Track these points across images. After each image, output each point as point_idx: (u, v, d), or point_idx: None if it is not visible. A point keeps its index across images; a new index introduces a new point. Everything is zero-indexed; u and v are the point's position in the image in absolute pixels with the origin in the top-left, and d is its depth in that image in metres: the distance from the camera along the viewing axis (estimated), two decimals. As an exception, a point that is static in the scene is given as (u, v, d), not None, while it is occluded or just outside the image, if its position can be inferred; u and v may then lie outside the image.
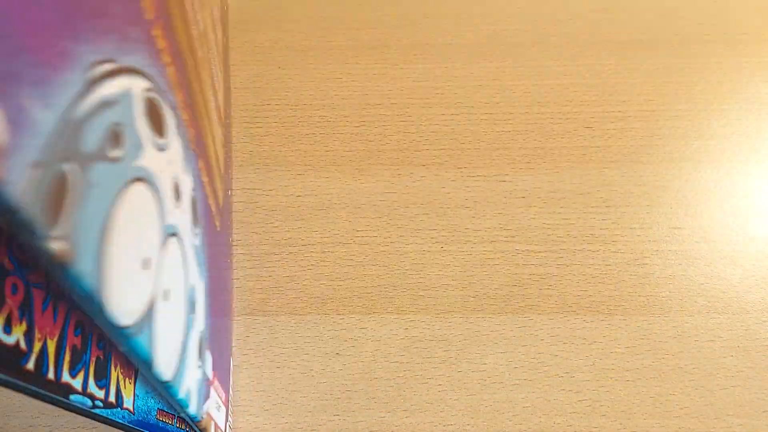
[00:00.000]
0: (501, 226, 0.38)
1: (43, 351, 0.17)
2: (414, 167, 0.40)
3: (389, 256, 0.38)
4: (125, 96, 0.15)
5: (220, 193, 0.31)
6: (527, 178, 0.40)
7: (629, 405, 0.34)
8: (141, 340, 0.16)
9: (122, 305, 0.14)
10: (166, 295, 0.18)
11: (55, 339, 0.18)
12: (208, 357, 0.26)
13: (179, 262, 0.20)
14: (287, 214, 0.39)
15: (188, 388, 0.21)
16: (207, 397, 0.25)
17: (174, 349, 0.19)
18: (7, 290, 0.16)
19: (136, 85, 0.16)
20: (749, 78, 0.43)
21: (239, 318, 0.36)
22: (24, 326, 0.16)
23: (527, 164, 0.40)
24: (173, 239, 0.19)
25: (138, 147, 0.16)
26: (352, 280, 0.37)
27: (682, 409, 0.34)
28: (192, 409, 0.22)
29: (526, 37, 0.45)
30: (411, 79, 0.43)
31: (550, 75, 0.43)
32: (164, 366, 0.18)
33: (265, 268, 0.37)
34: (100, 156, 0.13)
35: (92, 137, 0.13)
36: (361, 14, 0.46)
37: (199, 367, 0.23)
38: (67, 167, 0.12)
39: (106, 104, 0.14)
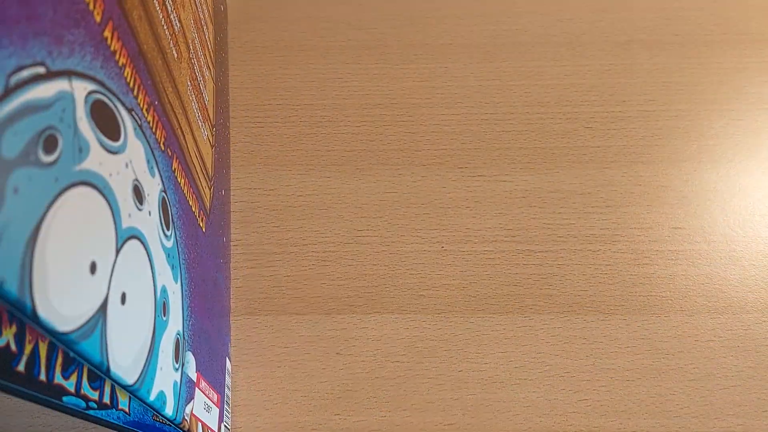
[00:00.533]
0: (501, 226, 0.38)
1: (35, 353, 0.17)
2: (414, 167, 0.40)
3: (390, 255, 0.38)
4: (61, 99, 0.15)
5: (206, 194, 0.31)
6: (528, 178, 0.40)
7: (629, 405, 0.34)
8: (89, 344, 0.16)
9: (60, 311, 0.14)
10: (123, 298, 0.18)
11: (48, 341, 0.18)
12: (191, 358, 0.26)
13: (142, 264, 0.20)
14: (288, 214, 0.39)
15: (162, 390, 0.21)
16: (190, 398, 0.25)
17: (137, 352, 0.19)
18: None
19: (78, 88, 0.16)
20: (749, 78, 0.43)
21: (239, 318, 0.36)
22: (14, 328, 0.16)
23: (528, 164, 0.40)
24: (134, 242, 0.19)
25: (81, 150, 0.16)
26: (353, 280, 0.37)
27: (682, 408, 0.34)
28: (168, 412, 0.22)
29: (527, 37, 0.45)
30: (411, 79, 0.43)
31: (550, 75, 0.43)
32: (125, 369, 0.18)
33: (265, 268, 0.37)
34: (26, 161, 0.13)
35: (14, 142, 0.13)
36: (361, 14, 0.46)
37: (177, 369, 0.23)
38: (11, 173, 0.11)
39: (33, 108, 0.13)
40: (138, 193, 0.20)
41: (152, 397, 0.20)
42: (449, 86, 0.43)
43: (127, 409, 0.23)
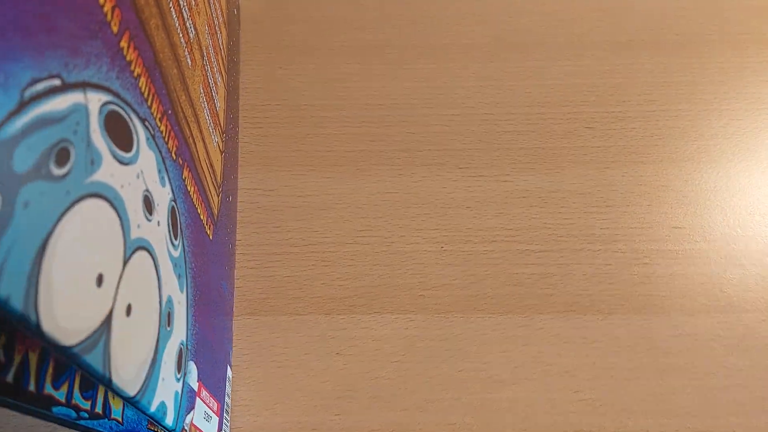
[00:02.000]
0: (502, 225, 0.39)
1: (24, 363, 0.17)
2: (415, 167, 0.40)
3: (390, 255, 0.38)
4: (75, 111, 0.15)
5: (215, 201, 0.31)
6: (528, 178, 0.40)
7: (629, 404, 0.34)
8: (93, 357, 0.16)
9: (66, 325, 0.14)
10: (128, 310, 0.18)
11: (38, 351, 0.18)
12: (193, 368, 0.26)
13: (149, 275, 0.20)
14: (288, 215, 0.39)
15: (163, 401, 0.21)
16: (191, 408, 0.25)
17: (140, 364, 0.19)
18: None
19: (93, 100, 0.16)
20: (749, 78, 0.43)
21: (239, 318, 0.36)
22: (2, 339, 0.16)
23: (528, 164, 0.40)
24: (142, 253, 0.19)
25: (93, 162, 0.16)
26: (354, 280, 0.37)
27: (682, 408, 0.34)
28: (169, 422, 0.22)
29: (528, 38, 0.45)
30: (412, 79, 0.43)
31: (551, 75, 0.43)
32: (128, 381, 0.18)
33: (266, 268, 0.37)
34: (37, 175, 0.13)
35: (26, 156, 0.13)
36: (362, 14, 0.46)
37: (179, 379, 0.23)
38: (24, 186, 0.11)
39: (46, 121, 0.13)
40: (148, 204, 0.20)
41: (153, 408, 0.20)
42: (450, 86, 0.43)
43: (120, 419, 0.23)
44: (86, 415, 0.20)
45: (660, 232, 0.38)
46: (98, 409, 0.21)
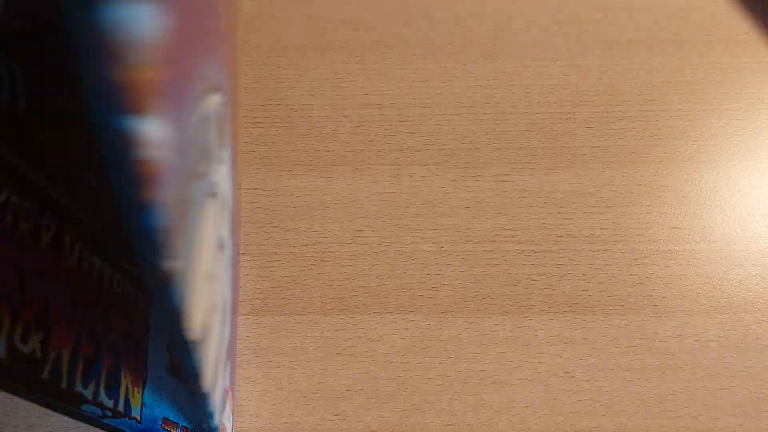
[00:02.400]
0: (501, 226, 0.38)
1: (58, 361, 0.17)
2: (414, 167, 0.40)
3: (389, 255, 0.38)
4: (210, 112, 0.15)
5: (238, 200, 0.31)
6: (527, 178, 0.40)
7: (629, 405, 0.34)
8: (198, 352, 0.16)
9: (196, 319, 0.14)
10: (215, 307, 0.18)
11: (70, 348, 0.18)
12: (229, 367, 0.26)
13: (223, 274, 0.20)
14: (287, 214, 0.39)
15: (216, 399, 0.21)
16: (223, 407, 0.25)
17: (214, 361, 0.19)
18: (26, 299, 0.16)
19: (214, 101, 0.16)
20: (749, 78, 0.43)
21: (240, 318, 0.36)
22: (40, 335, 0.16)
23: (527, 164, 0.40)
24: (221, 251, 0.20)
25: (213, 161, 0.16)
26: (353, 280, 0.37)
27: (682, 409, 0.34)
28: (216, 421, 0.22)
29: (527, 37, 0.45)
30: (411, 79, 0.43)
31: (550, 75, 0.43)
32: (207, 378, 0.18)
33: (265, 268, 0.37)
34: (197, 173, 0.13)
35: (195, 154, 0.13)
36: (361, 14, 0.46)
37: (222, 378, 0.24)
38: (190, 186, 0.12)
39: (203, 121, 0.14)
40: (225, 202, 0.20)
41: (211, 407, 0.20)
42: (449, 86, 0.43)
43: (138, 418, 0.23)
44: (110, 413, 0.20)
45: (660, 233, 0.38)
46: (120, 408, 0.21)
